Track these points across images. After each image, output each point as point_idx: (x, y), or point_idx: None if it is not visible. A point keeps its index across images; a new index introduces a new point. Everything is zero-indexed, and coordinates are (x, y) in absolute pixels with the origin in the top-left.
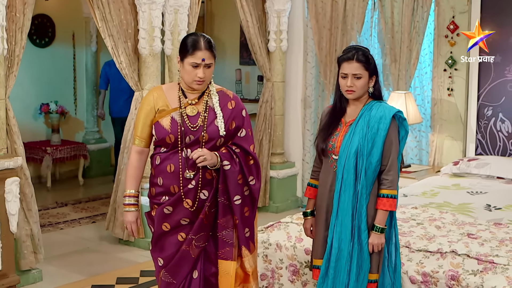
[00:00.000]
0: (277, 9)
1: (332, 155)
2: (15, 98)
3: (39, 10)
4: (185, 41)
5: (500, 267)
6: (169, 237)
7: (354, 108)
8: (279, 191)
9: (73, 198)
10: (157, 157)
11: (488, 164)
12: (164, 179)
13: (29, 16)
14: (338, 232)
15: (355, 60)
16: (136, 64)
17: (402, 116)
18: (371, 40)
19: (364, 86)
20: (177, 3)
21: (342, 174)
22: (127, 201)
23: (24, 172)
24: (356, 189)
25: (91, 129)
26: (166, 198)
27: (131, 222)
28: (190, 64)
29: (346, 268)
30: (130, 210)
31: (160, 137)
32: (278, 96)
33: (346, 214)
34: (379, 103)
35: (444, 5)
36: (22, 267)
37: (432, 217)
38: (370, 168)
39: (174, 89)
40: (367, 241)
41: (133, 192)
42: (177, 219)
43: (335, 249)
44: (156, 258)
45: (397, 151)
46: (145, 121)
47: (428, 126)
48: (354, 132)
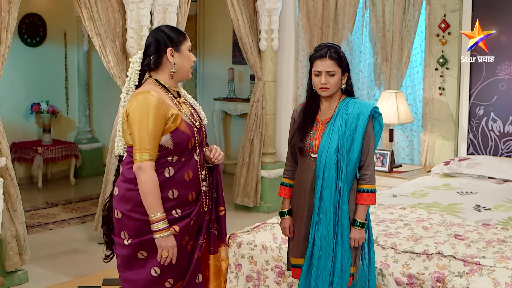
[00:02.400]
0: (268, 8)
1: (310, 154)
2: (5, 97)
3: (30, 9)
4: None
5: (486, 268)
6: (182, 251)
7: (327, 105)
8: (270, 191)
9: (64, 198)
10: (168, 168)
11: (479, 164)
12: (180, 190)
13: (14, 15)
14: (321, 230)
15: (328, 58)
16: (124, 63)
17: (378, 112)
18: (362, 39)
19: (338, 83)
20: (166, 2)
21: (323, 172)
22: (162, 224)
23: (10, 172)
24: (337, 186)
25: (83, 128)
26: (178, 211)
27: (174, 246)
28: (188, 48)
29: (329, 265)
30: (169, 233)
31: (183, 144)
32: (269, 95)
33: (328, 212)
34: (353, 99)
35: (435, 3)
36: (7, 268)
37: (420, 217)
38: (350, 164)
39: (158, 90)
40: (350, 237)
41: (165, 214)
42: (194, 228)
43: (317, 247)
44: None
45: (373, 146)
46: (156, 132)
47: (419, 125)
48: (332, 130)
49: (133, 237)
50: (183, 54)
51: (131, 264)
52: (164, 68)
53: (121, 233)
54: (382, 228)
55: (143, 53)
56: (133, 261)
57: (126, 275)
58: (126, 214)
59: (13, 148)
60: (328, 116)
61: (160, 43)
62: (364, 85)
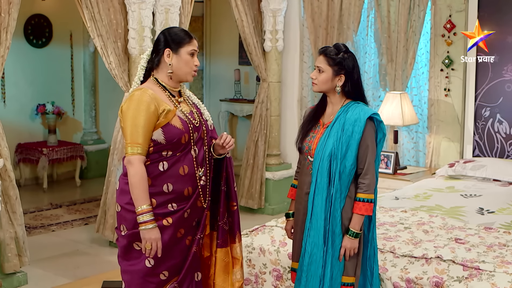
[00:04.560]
0: (272, 8)
1: (308, 157)
2: (11, 98)
3: (36, 10)
4: (172, 32)
5: (486, 273)
6: (178, 244)
7: (331, 108)
8: (275, 193)
9: (68, 199)
10: (162, 163)
11: (484, 166)
12: (174, 184)
13: (14, 16)
14: (312, 236)
15: (322, 54)
16: (126, 64)
17: (379, 119)
18: (367, 39)
19: (326, 82)
20: (168, 3)
21: (316, 177)
22: (148, 217)
23: (9, 174)
24: (329, 192)
25: (89, 129)
26: (174, 205)
27: (158, 239)
28: (188, 52)
29: (319, 273)
30: (154, 226)
31: (174, 139)
32: (274, 96)
33: (319, 218)
34: (356, 104)
35: (440, 3)
36: (6, 270)
37: (421, 221)
38: (345, 171)
39: (156, 89)
40: (341, 245)
41: (151, 207)
42: (191, 221)
43: (308, 253)
44: (159, 274)
45: (374, 155)
46: (148, 126)
47: (425, 127)
48: (329, 135)
49: (129, 229)
50: (181, 57)
51: (128, 255)
52: (163, 68)
53: (120, 226)
54: (382, 231)
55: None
56: (130, 252)
57: (124, 266)
58: (124, 207)
59: (18, 149)
60: (329, 120)
61: (160, 43)
62: (369, 86)
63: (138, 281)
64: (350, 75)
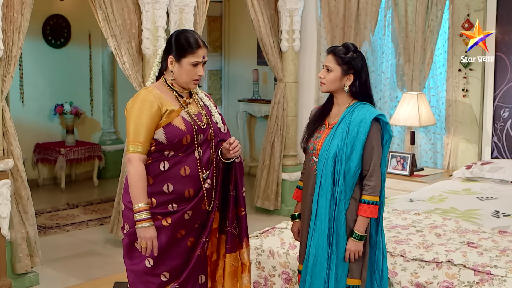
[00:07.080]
0: (289, 8)
1: (313, 157)
2: (30, 99)
3: (55, 11)
4: (179, 39)
5: (497, 278)
6: (178, 245)
7: (337, 109)
8: (291, 194)
9: (85, 199)
10: (163, 162)
11: (502, 168)
12: (175, 184)
13: (27, 17)
14: (316, 237)
15: (331, 53)
16: (140, 64)
17: (385, 120)
18: (384, 39)
19: (335, 82)
20: (182, 3)
21: (321, 178)
22: (144, 215)
23: (21, 174)
24: (333, 194)
25: (107, 130)
26: (175, 206)
27: (154, 237)
28: (190, 63)
29: (323, 275)
30: (150, 224)
31: (175, 139)
32: (290, 97)
33: (323, 220)
34: (362, 105)
35: (458, 2)
36: (18, 271)
37: (434, 224)
38: (349, 173)
39: (163, 89)
40: (346, 247)
41: (148, 205)
42: (193, 223)
43: (312, 255)
44: (159, 275)
45: (379, 156)
46: (150, 126)
47: (442, 128)
48: (334, 136)
49: (130, 228)
50: (182, 67)
51: (130, 254)
52: (168, 71)
53: (124, 225)
54: (393, 234)
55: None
56: (131, 251)
57: (127, 265)
58: (127, 206)
59: (36, 149)
60: (335, 121)
61: (166, 48)
62: (386, 86)
63: (140, 281)
64: (359, 75)
